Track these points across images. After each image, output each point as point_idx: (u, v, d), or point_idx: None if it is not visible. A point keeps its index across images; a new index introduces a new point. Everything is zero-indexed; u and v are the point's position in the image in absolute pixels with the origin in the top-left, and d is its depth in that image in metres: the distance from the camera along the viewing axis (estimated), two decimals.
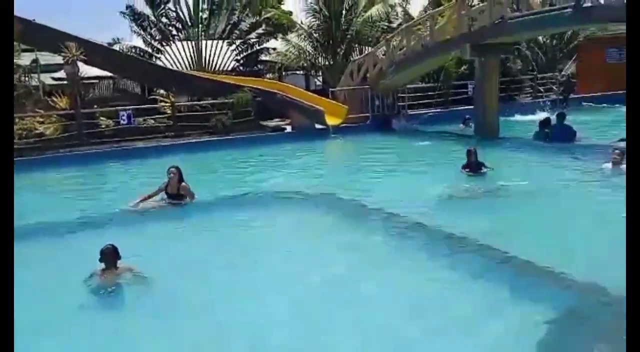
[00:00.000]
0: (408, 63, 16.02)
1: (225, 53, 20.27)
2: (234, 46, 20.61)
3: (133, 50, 19.81)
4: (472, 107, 15.40)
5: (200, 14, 20.02)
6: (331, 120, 15.48)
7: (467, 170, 9.07)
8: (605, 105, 19.02)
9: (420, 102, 19.31)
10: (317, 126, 15.55)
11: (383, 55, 17.25)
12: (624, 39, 19.53)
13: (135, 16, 19.74)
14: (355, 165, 11.46)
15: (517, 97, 20.96)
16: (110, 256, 4.84)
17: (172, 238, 6.49)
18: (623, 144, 10.12)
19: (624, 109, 17.49)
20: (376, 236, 6.35)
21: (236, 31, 20.55)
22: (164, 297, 4.67)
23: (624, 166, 8.39)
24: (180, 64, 19.96)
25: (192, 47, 19.98)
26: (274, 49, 22.41)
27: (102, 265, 4.87)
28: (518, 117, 17.04)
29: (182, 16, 20.01)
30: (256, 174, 10.53)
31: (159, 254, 5.70)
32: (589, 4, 10.95)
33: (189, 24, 19.97)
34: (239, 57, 21.05)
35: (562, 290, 4.48)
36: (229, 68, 20.58)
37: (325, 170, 11.28)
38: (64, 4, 42.15)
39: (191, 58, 20.05)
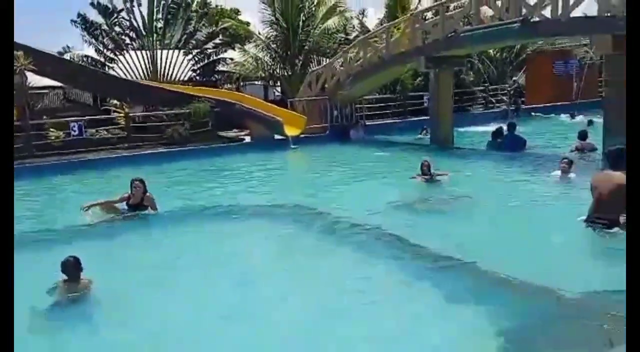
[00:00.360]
0: (365, 74, 16.26)
1: (182, 63, 20.02)
2: (190, 56, 20.38)
3: (84, 60, 19.29)
4: (427, 117, 15.76)
5: (155, 23, 19.72)
6: (290, 131, 15.47)
7: (419, 177, 9.32)
8: (553, 115, 19.90)
9: (378, 112, 19.64)
10: (276, 137, 15.52)
11: (341, 66, 17.45)
12: (570, 52, 20.55)
13: (86, 25, 19.24)
14: (315, 175, 11.49)
15: (470, 108, 21.63)
16: (71, 267, 4.73)
17: (132, 249, 6.33)
18: (572, 154, 10.63)
19: (570, 119, 18.52)
20: (335, 245, 6.40)
21: (192, 41, 20.35)
22: (125, 310, 4.58)
23: (572, 175, 8.79)
24: (134, 73, 19.56)
25: (147, 56, 19.62)
26: (232, 59, 22.30)
27: (64, 276, 4.75)
28: (471, 127, 17.56)
29: (136, 25, 19.63)
30: (214, 185, 10.38)
31: (117, 266, 5.55)
32: (536, 19, 11.45)
33: (144, 33, 19.62)
34: (195, 67, 20.83)
35: (512, 296, 4.59)
36: (185, 78, 20.33)
37: (284, 181, 11.24)
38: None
39: (146, 68, 19.68)
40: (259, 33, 22.47)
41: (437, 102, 14.71)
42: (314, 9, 21.63)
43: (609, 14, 10.07)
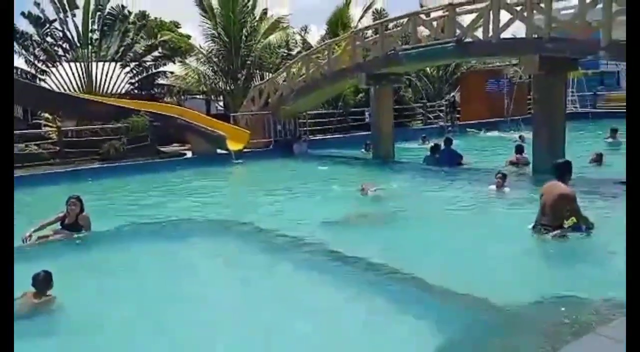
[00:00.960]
0: (308, 90, 16.43)
1: (119, 75, 19.38)
2: (127, 69, 19.77)
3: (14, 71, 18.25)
4: (369, 132, 16.09)
5: (90, 34, 19.00)
6: (233, 146, 15.30)
7: (363, 190, 9.48)
8: (486, 130, 20.85)
9: (321, 127, 19.85)
10: (219, 151, 15.30)
11: (284, 81, 17.54)
12: (500, 71, 21.61)
13: (16, 35, 18.26)
14: (258, 190, 11.38)
15: (409, 124, 22.29)
16: (41, 281, 4.82)
17: (65, 273, 5.95)
18: (508, 167, 11.16)
19: (502, 134, 19.47)
20: (277, 260, 6.35)
21: (130, 53, 19.75)
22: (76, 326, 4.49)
23: (506, 188, 9.22)
24: (68, 86, 18.71)
25: (82, 68, 18.85)
26: (172, 72, 21.86)
27: (33, 289, 4.81)
28: (411, 142, 18.08)
29: (70, 36, 18.85)
30: (153, 202, 10.05)
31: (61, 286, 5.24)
32: (469, 40, 12.04)
33: (78, 44, 18.85)
34: (133, 80, 20.21)
35: (455, 307, 4.70)
36: (123, 91, 19.67)
37: (227, 196, 11.07)
38: None
39: (80, 80, 18.89)
40: (201, 46, 22.21)
41: (378, 117, 15.06)
42: (256, 24, 21.67)
43: (535, 36, 10.75)
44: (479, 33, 11.81)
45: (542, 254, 6.24)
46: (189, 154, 15.52)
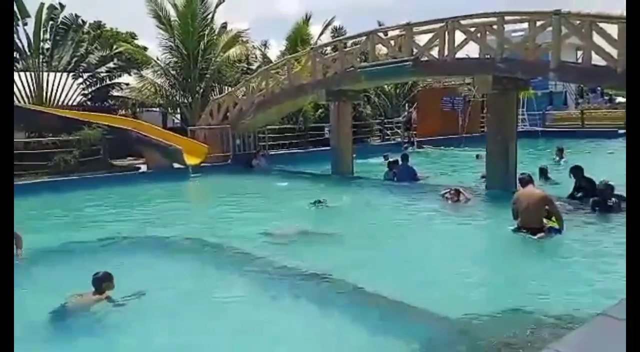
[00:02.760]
0: (267, 104, 16.38)
1: (71, 86, 18.78)
2: (80, 80, 19.19)
3: None
4: (329, 148, 16.17)
5: (42, 43, 18.36)
6: (190, 160, 15.02)
7: (319, 203, 9.55)
8: (442, 147, 21.36)
9: (281, 142, 19.80)
10: (175, 165, 14.97)
11: (243, 95, 17.44)
12: (455, 89, 22.20)
13: None
14: (215, 205, 11.18)
15: (368, 140, 22.57)
16: (99, 280, 5.15)
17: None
18: (461, 184, 11.40)
19: (456, 150, 19.98)
20: (233, 275, 6.28)
21: (83, 64, 19.19)
22: None
23: (461, 202, 9.44)
24: (17, 96, 17.96)
25: (32, 78, 18.16)
26: (127, 84, 21.36)
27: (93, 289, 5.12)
28: (372, 158, 18.26)
29: (20, 45, 18.15)
30: (106, 218, 9.67)
31: None
32: (426, 59, 12.35)
33: (28, 53, 18.17)
34: (86, 92, 19.63)
35: (406, 321, 4.73)
36: (75, 103, 19.06)
37: (182, 211, 10.77)
38: None
39: (30, 91, 18.18)
40: (158, 58, 21.85)
41: (337, 133, 15.17)
42: (215, 37, 21.53)
43: (488, 56, 11.14)
44: (435, 52, 12.14)
45: (494, 266, 6.40)
46: (144, 168, 15.11)
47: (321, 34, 24.14)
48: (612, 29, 9.12)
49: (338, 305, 5.22)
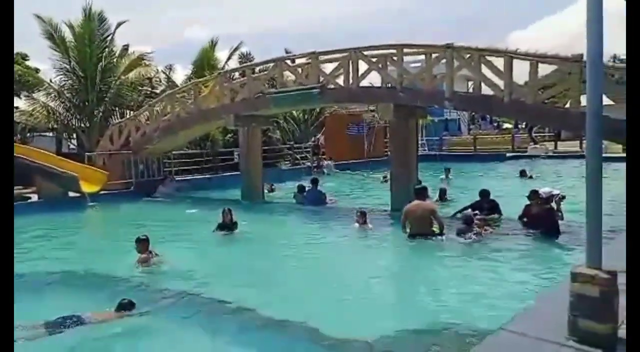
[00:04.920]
0: (173, 129, 15.91)
1: None
2: None
3: None
4: (238, 173, 15.97)
5: None
6: (88, 188, 14.07)
7: (221, 230, 9.38)
8: (348, 171, 21.98)
9: (188, 168, 19.22)
10: (71, 194, 13.93)
11: (147, 120, 16.79)
12: (360, 115, 22.99)
13: None
14: (114, 235, 10.50)
15: (278, 164, 22.64)
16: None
17: None
18: (364, 207, 11.75)
19: (365, 173, 20.65)
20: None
21: None
22: None
23: (368, 225, 9.70)
24: None
25: None
26: (17, 107, 19.71)
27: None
28: (281, 182, 18.31)
29: None
30: None
31: None
32: (332, 87, 12.74)
33: None
34: None
35: (312, 344, 4.72)
36: None
37: (76, 244, 9.99)
38: None
39: None
40: (51, 81, 20.44)
41: (247, 158, 15.05)
42: (115, 59, 20.63)
43: (390, 85, 11.74)
44: (341, 80, 12.57)
45: (403, 283, 6.62)
46: (35, 198, 13.87)
47: (228, 59, 24.07)
48: (499, 62, 10.04)
49: (244, 331, 5.12)
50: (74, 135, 21.45)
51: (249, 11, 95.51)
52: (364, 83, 12.36)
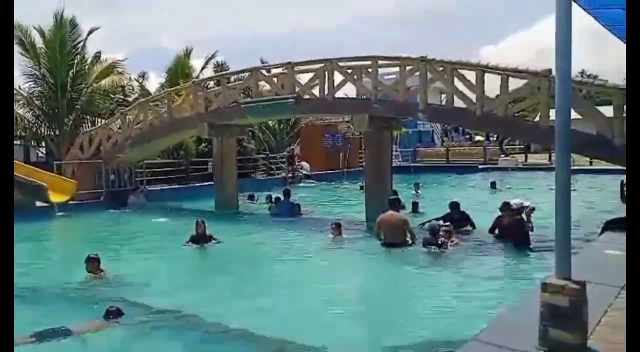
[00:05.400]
0: (145, 138, 15.66)
1: None
2: None
3: None
4: (212, 183, 15.79)
5: None
6: (56, 197, 13.70)
7: (194, 243, 9.22)
8: (324, 181, 22.00)
9: (161, 177, 18.91)
10: (38, 204, 13.54)
11: (118, 128, 16.49)
12: (336, 126, 23.09)
13: None
14: (84, 246, 10.15)
15: (253, 175, 22.50)
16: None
17: None
18: (339, 218, 11.77)
19: (337, 184, 20.70)
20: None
21: None
22: None
23: (343, 236, 9.70)
24: None
25: None
26: None
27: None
28: (255, 192, 18.17)
29: None
30: None
31: None
32: (307, 97, 12.77)
33: None
34: None
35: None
36: None
37: (46, 255, 9.72)
38: None
39: None
40: (20, 87, 19.92)
41: (221, 168, 14.91)
42: (87, 66, 20.25)
43: (364, 97, 11.83)
44: (316, 91, 12.61)
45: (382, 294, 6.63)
46: None
47: (203, 68, 23.89)
48: (471, 75, 10.23)
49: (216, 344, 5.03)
50: (43, 144, 20.91)
51: (223, 21, 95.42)
52: (339, 94, 12.44)
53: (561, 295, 3.03)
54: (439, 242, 8.33)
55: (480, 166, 25.64)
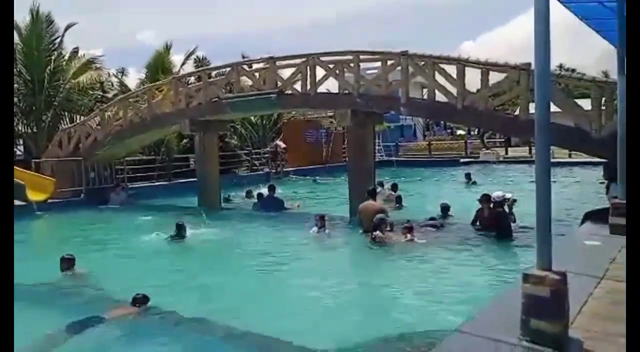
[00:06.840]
0: (125, 135, 15.45)
1: None
2: None
3: None
4: (194, 179, 15.66)
5: None
6: (35, 196, 13.45)
7: (178, 238, 9.36)
8: (308, 176, 21.97)
9: (143, 174, 18.68)
10: (17, 203, 13.26)
11: (98, 125, 16.23)
12: (318, 122, 22.98)
13: None
14: (63, 246, 9.98)
15: (236, 170, 22.37)
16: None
17: None
18: (324, 212, 11.78)
19: (324, 180, 20.70)
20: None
21: None
22: None
23: (327, 230, 9.72)
24: None
25: None
26: None
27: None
28: (238, 189, 18.07)
29: None
30: None
31: None
32: (289, 92, 12.70)
33: None
34: None
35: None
36: None
37: (25, 255, 9.48)
38: None
39: None
40: None
41: (203, 164, 14.78)
42: (64, 62, 19.86)
43: (347, 92, 11.82)
44: (298, 86, 12.55)
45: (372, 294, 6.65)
46: None
47: (183, 63, 23.62)
48: (452, 69, 10.29)
49: (199, 340, 4.99)
50: (20, 141, 20.48)
51: (204, 16, 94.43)
52: (322, 89, 12.41)
53: (542, 286, 3.06)
54: (373, 236, 8.56)
55: (462, 160, 25.89)
